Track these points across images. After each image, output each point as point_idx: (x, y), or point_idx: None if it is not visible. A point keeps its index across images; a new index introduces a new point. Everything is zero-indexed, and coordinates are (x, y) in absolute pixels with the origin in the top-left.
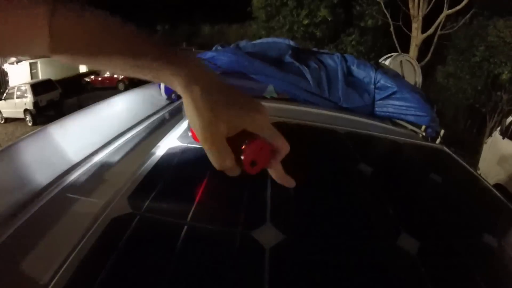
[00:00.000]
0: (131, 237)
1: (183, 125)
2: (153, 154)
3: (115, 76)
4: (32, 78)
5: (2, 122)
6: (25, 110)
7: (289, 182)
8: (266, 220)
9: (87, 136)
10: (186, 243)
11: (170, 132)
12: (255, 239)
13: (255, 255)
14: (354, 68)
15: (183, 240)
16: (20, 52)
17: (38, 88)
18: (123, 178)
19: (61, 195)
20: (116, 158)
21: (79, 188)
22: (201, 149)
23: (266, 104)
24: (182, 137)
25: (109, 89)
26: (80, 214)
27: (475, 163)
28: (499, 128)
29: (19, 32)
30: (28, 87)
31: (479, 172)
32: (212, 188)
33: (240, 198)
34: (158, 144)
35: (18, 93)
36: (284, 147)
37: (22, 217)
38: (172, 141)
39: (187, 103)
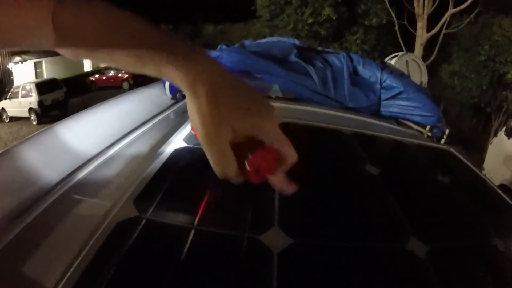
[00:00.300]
0: (137, 241)
1: (189, 126)
2: (159, 155)
3: (120, 75)
4: (37, 77)
5: (7, 121)
6: (30, 109)
7: (289, 189)
8: (274, 223)
9: (91, 137)
10: (193, 247)
11: (176, 133)
12: (263, 243)
13: (263, 260)
14: (360, 68)
15: (189, 245)
16: (22, 46)
17: (43, 87)
18: (128, 180)
19: (65, 198)
20: (121, 159)
21: (83, 190)
22: None
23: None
24: (188, 138)
25: (113, 88)
26: (85, 217)
27: (480, 163)
28: (504, 128)
29: (21, 25)
30: (33, 86)
31: (484, 172)
32: (219, 191)
33: (248, 201)
34: (164, 146)
35: (23, 92)
36: (291, 156)
37: (25, 219)
38: (178, 142)
39: (189, 100)
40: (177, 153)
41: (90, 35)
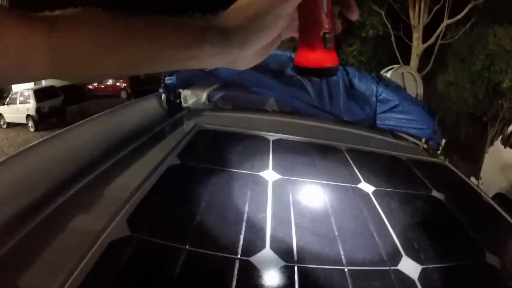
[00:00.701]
0: (128, 261)
1: (184, 142)
2: (152, 173)
3: (118, 84)
4: (35, 84)
5: (4, 127)
6: (28, 116)
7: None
8: (265, 245)
9: (84, 151)
10: (185, 268)
11: (171, 149)
12: (254, 265)
13: (254, 282)
14: (355, 81)
15: (181, 266)
16: (17, 79)
17: (41, 94)
18: (121, 198)
19: (54, 217)
20: (114, 175)
21: (73, 209)
22: (202, 169)
23: (267, 117)
24: (183, 154)
25: (111, 97)
26: (76, 237)
27: (477, 172)
28: (500, 137)
29: (15, 56)
30: (31, 93)
31: (481, 181)
32: (212, 210)
33: (240, 222)
34: (158, 162)
35: (21, 98)
36: None
37: (12, 240)
38: (172, 159)
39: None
40: (171, 170)
41: (89, 53)
